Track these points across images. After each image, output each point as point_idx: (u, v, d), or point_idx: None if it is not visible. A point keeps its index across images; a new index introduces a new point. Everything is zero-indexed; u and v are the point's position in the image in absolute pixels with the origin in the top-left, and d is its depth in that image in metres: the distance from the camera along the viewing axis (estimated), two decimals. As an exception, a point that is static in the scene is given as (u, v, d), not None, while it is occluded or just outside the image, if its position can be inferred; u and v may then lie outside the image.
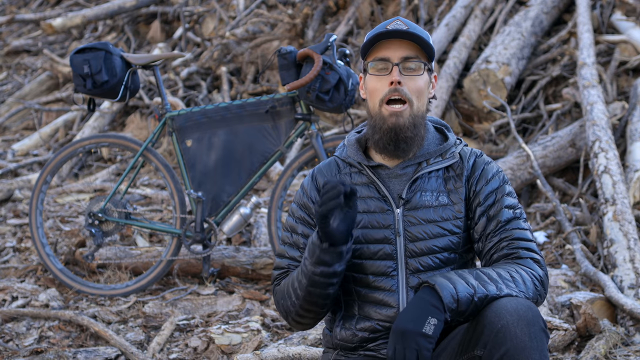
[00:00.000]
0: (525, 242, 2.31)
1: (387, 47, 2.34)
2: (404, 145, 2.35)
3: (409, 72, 2.34)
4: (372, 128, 2.38)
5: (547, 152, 5.25)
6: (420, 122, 2.37)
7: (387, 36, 2.33)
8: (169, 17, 8.69)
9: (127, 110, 7.68)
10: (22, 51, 9.70)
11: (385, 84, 2.33)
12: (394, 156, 2.38)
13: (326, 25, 7.49)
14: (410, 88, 2.33)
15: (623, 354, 3.42)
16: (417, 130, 2.35)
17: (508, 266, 2.24)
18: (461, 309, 2.13)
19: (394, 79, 2.32)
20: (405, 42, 2.34)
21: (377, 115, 2.36)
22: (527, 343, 2.07)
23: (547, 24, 6.51)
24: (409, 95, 2.33)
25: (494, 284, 2.17)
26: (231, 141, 4.35)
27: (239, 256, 4.55)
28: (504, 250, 2.30)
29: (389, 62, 2.33)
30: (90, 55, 4.28)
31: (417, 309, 2.13)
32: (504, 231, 2.32)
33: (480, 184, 2.38)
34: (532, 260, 2.28)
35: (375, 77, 2.36)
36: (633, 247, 4.09)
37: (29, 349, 3.79)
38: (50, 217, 5.61)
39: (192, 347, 3.74)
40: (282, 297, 2.41)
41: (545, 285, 2.26)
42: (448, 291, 2.12)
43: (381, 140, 2.36)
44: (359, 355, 2.41)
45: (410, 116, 2.33)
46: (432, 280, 2.16)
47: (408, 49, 2.34)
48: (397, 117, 2.32)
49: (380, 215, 2.38)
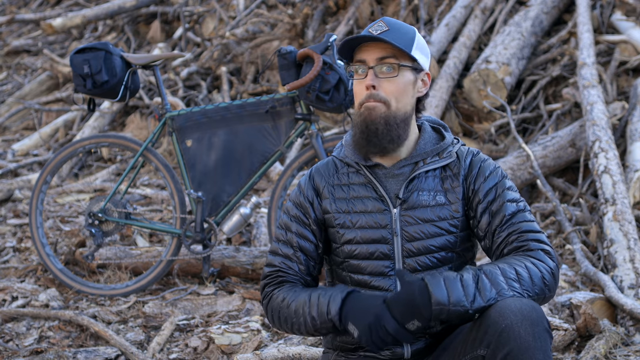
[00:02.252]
0: (534, 233, 2.29)
1: (365, 49, 2.35)
2: (374, 138, 2.34)
3: (384, 74, 2.34)
4: (353, 127, 2.42)
5: (547, 152, 5.25)
6: (399, 122, 2.35)
7: (356, 42, 2.35)
8: (169, 17, 8.69)
9: (127, 110, 7.68)
10: (22, 51, 9.70)
11: (363, 88, 2.35)
12: (368, 152, 2.38)
13: (326, 25, 7.49)
14: (387, 90, 2.34)
15: (623, 354, 3.42)
16: (389, 127, 2.34)
17: (516, 261, 2.21)
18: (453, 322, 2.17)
19: (367, 83, 2.34)
20: (380, 44, 2.34)
21: (357, 114, 2.39)
22: (530, 343, 2.06)
23: (547, 24, 6.51)
24: (385, 97, 2.34)
25: (495, 288, 2.14)
26: (231, 141, 4.35)
27: (239, 256, 4.55)
28: (514, 244, 2.29)
29: (366, 65, 2.35)
30: (90, 55, 4.28)
31: (406, 307, 2.13)
32: (511, 225, 2.31)
33: (478, 181, 2.38)
34: (543, 252, 2.25)
35: (356, 82, 2.38)
36: (633, 247, 4.09)
37: (29, 349, 3.79)
38: (50, 217, 5.61)
39: (192, 347, 3.74)
40: (277, 316, 2.40)
41: (556, 277, 2.24)
42: (440, 307, 2.09)
43: (355, 136, 2.39)
44: (358, 355, 2.41)
45: (384, 113, 2.34)
46: (431, 286, 2.12)
47: (384, 50, 2.34)
48: (370, 110, 2.34)
49: (378, 215, 2.38)
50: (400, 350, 2.36)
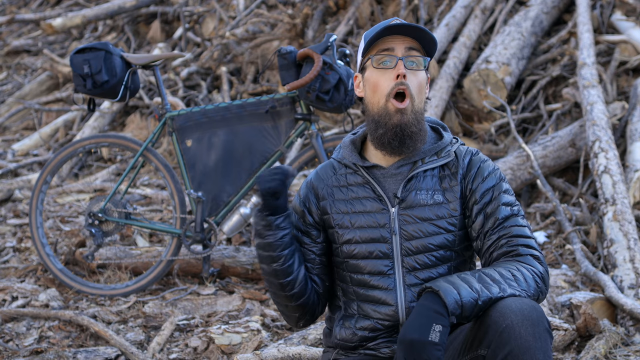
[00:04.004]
0: (524, 239, 2.30)
1: (391, 40, 2.34)
2: (409, 141, 2.34)
3: (411, 67, 2.34)
4: (374, 123, 2.36)
5: (547, 152, 5.25)
6: (422, 117, 2.37)
7: (393, 31, 2.32)
8: (169, 17, 8.69)
9: (127, 110, 7.68)
10: (22, 51, 9.70)
11: (390, 78, 2.32)
12: (396, 152, 2.37)
13: (326, 25, 7.49)
14: (413, 83, 2.33)
15: (623, 354, 3.42)
16: (420, 125, 2.35)
17: (509, 264, 2.23)
18: (465, 313, 2.12)
19: (400, 71, 2.31)
20: (407, 38, 2.34)
21: (382, 110, 2.34)
22: (531, 343, 2.07)
23: (547, 24, 6.51)
24: (413, 90, 2.33)
25: (496, 285, 2.15)
26: (231, 141, 4.35)
27: (239, 256, 4.55)
28: (504, 248, 2.29)
29: (394, 55, 2.33)
30: (90, 55, 4.28)
31: (421, 317, 2.10)
32: (502, 229, 2.31)
33: (476, 182, 2.37)
34: (532, 257, 2.26)
35: (378, 71, 2.35)
36: (633, 247, 4.09)
37: (29, 349, 3.79)
38: (50, 217, 5.61)
39: (192, 347, 3.73)
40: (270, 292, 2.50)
41: (546, 281, 2.25)
42: (452, 297, 2.10)
43: (385, 136, 2.34)
44: (359, 354, 2.41)
45: (413, 112, 2.33)
46: (436, 286, 2.13)
47: (411, 42, 2.34)
48: (402, 114, 2.32)
49: (376, 214, 2.38)
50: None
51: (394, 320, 2.36)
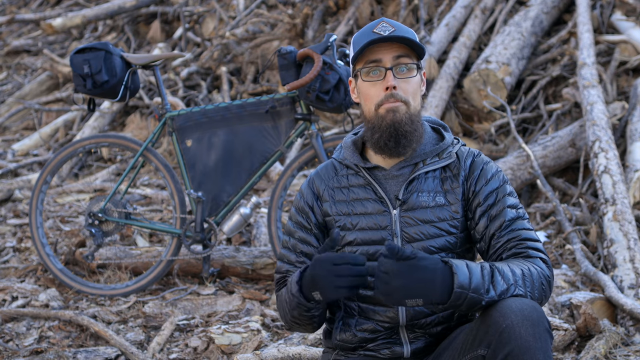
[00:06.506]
0: (533, 242, 2.30)
1: (377, 50, 2.32)
2: (404, 140, 2.33)
3: (402, 74, 2.32)
4: (370, 130, 2.36)
5: (547, 152, 5.25)
6: (417, 119, 2.36)
7: (377, 42, 2.30)
8: (169, 17, 8.69)
9: (127, 110, 7.69)
10: (22, 51, 9.70)
11: (380, 89, 2.32)
12: (394, 154, 2.36)
13: (326, 25, 7.49)
14: (405, 90, 2.32)
15: (623, 354, 3.42)
16: (415, 125, 2.34)
17: (521, 263, 2.22)
18: (462, 308, 2.12)
19: (389, 84, 2.30)
20: (394, 44, 2.32)
21: (374, 117, 2.34)
22: (531, 343, 2.06)
23: (547, 24, 6.51)
24: (404, 97, 2.32)
25: (506, 283, 2.14)
26: (231, 141, 4.35)
27: (239, 256, 4.55)
28: (513, 250, 2.28)
29: (382, 66, 2.31)
30: (90, 55, 4.28)
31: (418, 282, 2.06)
32: (511, 231, 2.30)
33: (479, 184, 2.37)
34: (541, 260, 2.26)
35: (368, 84, 2.34)
36: (633, 247, 4.09)
37: (29, 349, 3.79)
38: (50, 217, 5.61)
39: (192, 347, 3.74)
40: (280, 307, 2.44)
41: (551, 285, 2.25)
42: (461, 290, 2.07)
43: (381, 138, 2.34)
44: (358, 355, 2.41)
45: (407, 113, 2.33)
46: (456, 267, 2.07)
47: (399, 49, 2.32)
48: (394, 112, 2.31)
49: (377, 216, 2.37)
50: (399, 349, 2.36)
51: (394, 322, 2.35)
